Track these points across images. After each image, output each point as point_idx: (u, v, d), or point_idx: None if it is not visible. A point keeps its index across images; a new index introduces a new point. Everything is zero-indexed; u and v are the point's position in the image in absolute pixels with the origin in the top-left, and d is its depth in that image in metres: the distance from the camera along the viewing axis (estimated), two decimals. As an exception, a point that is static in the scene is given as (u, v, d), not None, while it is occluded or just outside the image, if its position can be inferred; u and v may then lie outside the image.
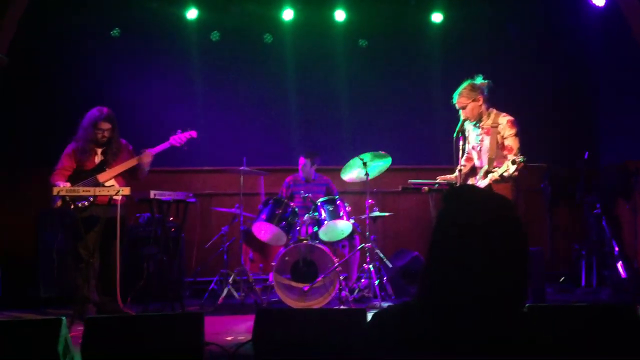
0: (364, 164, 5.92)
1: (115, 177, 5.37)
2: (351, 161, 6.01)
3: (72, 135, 5.45)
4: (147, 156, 5.39)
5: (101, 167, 5.36)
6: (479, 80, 4.74)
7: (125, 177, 5.48)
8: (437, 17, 7.66)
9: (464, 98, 4.70)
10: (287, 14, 7.47)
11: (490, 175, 4.39)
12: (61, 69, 7.10)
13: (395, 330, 1.42)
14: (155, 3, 7.26)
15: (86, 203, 5.11)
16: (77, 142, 5.36)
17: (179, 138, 5.57)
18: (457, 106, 4.76)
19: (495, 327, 1.36)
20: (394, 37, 7.74)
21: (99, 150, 5.41)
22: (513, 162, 4.18)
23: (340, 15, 7.54)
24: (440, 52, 7.71)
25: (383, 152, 5.94)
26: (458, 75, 4.94)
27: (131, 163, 5.37)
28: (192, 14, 7.37)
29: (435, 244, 1.46)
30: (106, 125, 5.32)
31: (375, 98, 7.81)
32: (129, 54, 7.31)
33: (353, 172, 6.17)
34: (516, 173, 4.21)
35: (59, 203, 5.09)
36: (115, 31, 7.29)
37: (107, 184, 5.27)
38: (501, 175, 4.29)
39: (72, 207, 5.01)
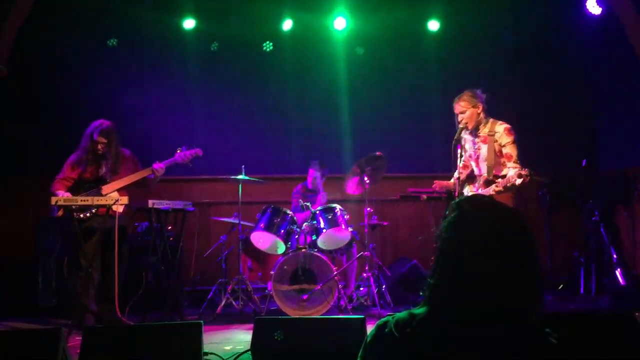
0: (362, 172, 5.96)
1: (120, 189, 5.35)
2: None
3: (71, 144, 5.46)
4: (161, 170, 5.41)
5: (104, 179, 5.36)
6: (479, 91, 4.76)
7: (132, 190, 5.46)
8: (433, 25, 7.69)
9: (465, 102, 4.71)
10: (286, 24, 7.50)
11: (492, 187, 4.40)
12: (61, 78, 7.12)
13: (401, 339, 1.41)
14: (153, 13, 7.29)
15: (88, 214, 5.10)
16: (81, 152, 5.36)
17: (184, 155, 5.58)
18: (456, 111, 4.76)
19: (505, 338, 1.35)
20: (391, 45, 7.78)
21: (102, 162, 5.41)
22: (519, 176, 4.17)
23: (340, 23, 7.57)
24: (438, 60, 7.74)
25: (379, 154, 5.94)
26: (455, 83, 4.97)
27: (143, 174, 5.37)
28: (189, 23, 7.39)
29: (442, 252, 1.46)
30: (101, 139, 5.32)
31: (373, 106, 7.84)
32: (128, 63, 7.33)
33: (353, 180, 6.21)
34: (520, 184, 4.21)
35: (60, 213, 5.08)
36: (112, 41, 7.31)
37: (110, 195, 5.26)
38: (505, 187, 4.30)
39: (74, 216, 5.01)
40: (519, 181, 4.18)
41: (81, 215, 5.08)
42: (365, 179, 5.97)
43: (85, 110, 5.77)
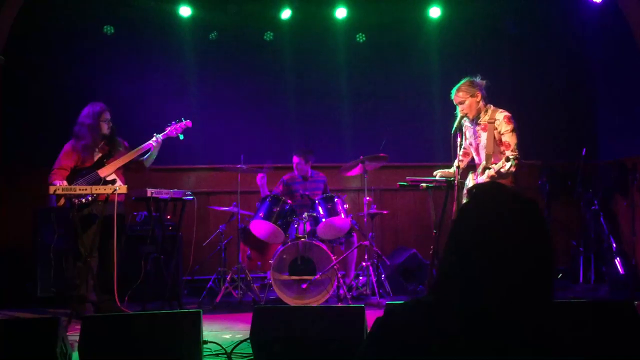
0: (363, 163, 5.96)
1: (116, 171, 5.36)
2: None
3: (68, 133, 5.43)
4: (158, 143, 5.46)
5: (101, 162, 5.35)
6: (478, 78, 4.74)
7: (127, 171, 5.49)
8: (435, 12, 7.64)
9: (463, 93, 4.69)
10: (285, 12, 7.45)
11: (487, 172, 4.39)
12: (56, 67, 7.08)
13: (409, 328, 1.40)
14: (151, 1, 7.24)
15: (90, 198, 5.10)
16: (79, 140, 5.33)
17: (174, 129, 5.60)
18: (455, 101, 4.74)
19: (517, 325, 1.34)
20: (392, 33, 7.73)
21: (99, 146, 5.41)
22: (507, 159, 4.17)
23: (341, 12, 7.53)
24: (438, 48, 7.70)
25: (382, 155, 5.95)
26: (456, 72, 4.93)
27: (139, 152, 5.39)
28: (185, 11, 7.33)
29: (456, 240, 1.44)
30: (109, 115, 5.41)
31: (373, 95, 7.81)
32: (125, 51, 7.28)
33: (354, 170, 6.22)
34: (513, 169, 4.20)
35: (62, 202, 5.07)
36: (108, 28, 7.26)
37: (109, 178, 5.27)
38: (497, 172, 4.28)
39: (75, 202, 5.00)
40: (507, 165, 4.16)
41: (82, 200, 5.07)
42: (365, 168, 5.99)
43: (82, 98, 5.72)
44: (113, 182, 5.28)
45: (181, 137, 5.65)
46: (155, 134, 5.50)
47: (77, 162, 5.32)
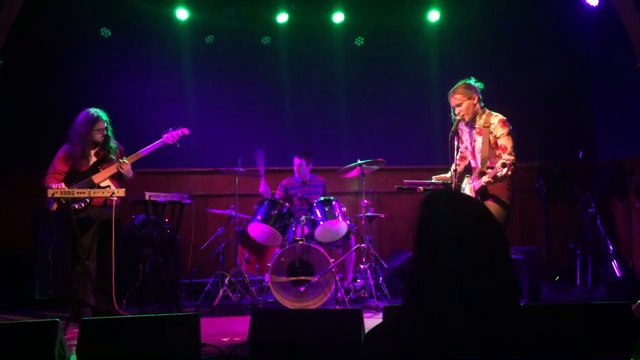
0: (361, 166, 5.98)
1: (110, 177, 5.35)
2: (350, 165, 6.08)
3: (66, 136, 5.43)
4: (125, 165, 5.35)
5: (95, 168, 5.35)
6: (473, 81, 4.75)
7: (117, 178, 5.48)
8: (433, 16, 7.65)
9: (460, 95, 4.70)
10: (282, 16, 7.46)
11: (483, 178, 4.41)
12: (54, 68, 7.09)
13: (392, 344, 1.41)
14: (147, 3, 7.24)
15: (83, 205, 5.10)
16: (72, 146, 5.33)
17: (171, 136, 5.58)
18: (452, 104, 4.75)
19: (488, 328, 1.36)
20: (390, 36, 7.75)
21: (93, 152, 5.41)
22: (503, 165, 4.19)
23: (338, 17, 7.54)
24: (437, 51, 7.72)
25: (380, 160, 5.97)
26: (454, 75, 4.94)
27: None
28: (182, 14, 7.33)
29: (418, 251, 1.47)
30: (103, 125, 5.35)
31: (371, 98, 7.82)
32: (122, 54, 7.29)
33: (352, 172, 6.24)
34: (509, 173, 4.23)
35: (55, 206, 5.07)
36: (105, 31, 7.25)
37: (102, 184, 5.26)
38: (494, 177, 4.31)
39: (70, 208, 5.00)
40: (504, 170, 4.19)
41: (75, 206, 5.07)
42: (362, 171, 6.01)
43: (80, 100, 5.73)
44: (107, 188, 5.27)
45: (177, 145, 5.64)
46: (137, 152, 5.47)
47: (71, 167, 5.31)
